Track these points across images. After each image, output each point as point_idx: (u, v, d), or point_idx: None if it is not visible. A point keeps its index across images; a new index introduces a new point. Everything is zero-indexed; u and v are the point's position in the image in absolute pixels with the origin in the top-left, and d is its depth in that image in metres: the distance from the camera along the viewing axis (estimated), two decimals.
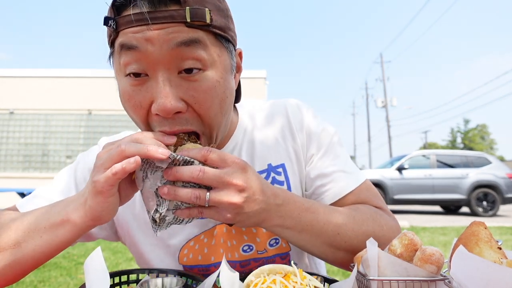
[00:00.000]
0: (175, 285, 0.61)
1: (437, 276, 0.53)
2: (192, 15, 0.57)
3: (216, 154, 0.57)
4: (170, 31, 0.57)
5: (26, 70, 12.54)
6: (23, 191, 5.30)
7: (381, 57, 28.35)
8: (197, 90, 0.61)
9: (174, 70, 0.59)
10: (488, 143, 48.04)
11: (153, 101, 0.60)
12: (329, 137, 0.87)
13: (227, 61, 0.65)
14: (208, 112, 0.63)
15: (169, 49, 0.57)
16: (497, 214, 9.51)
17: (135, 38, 0.57)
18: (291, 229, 0.67)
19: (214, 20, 0.60)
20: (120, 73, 0.63)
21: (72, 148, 12.19)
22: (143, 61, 0.58)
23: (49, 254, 0.62)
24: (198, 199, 0.56)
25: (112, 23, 0.59)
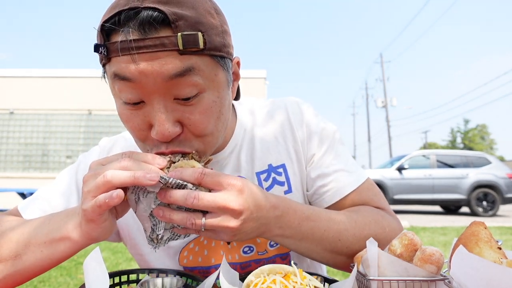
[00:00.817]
0: (175, 285, 0.61)
1: (437, 276, 0.53)
2: (184, 42, 0.54)
3: (210, 177, 0.55)
4: (163, 62, 0.54)
5: (26, 70, 12.53)
6: (23, 191, 5.29)
7: (381, 57, 28.35)
8: (193, 113, 0.60)
9: (170, 97, 0.58)
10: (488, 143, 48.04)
11: (151, 124, 0.60)
12: (330, 136, 0.86)
13: (223, 78, 0.64)
14: (204, 131, 0.63)
15: (163, 81, 0.56)
16: (497, 214, 9.51)
17: (128, 70, 0.55)
18: (291, 238, 0.67)
19: (208, 42, 0.57)
20: (116, 96, 0.62)
21: (72, 148, 12.19)
22: (138, 90, 0.57)
23: (48, 267, 0.64)
24: (193, 225, 0.54)
25: (102, 50, 0.56)
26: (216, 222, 0.55)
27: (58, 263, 0.63)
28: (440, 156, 10.07)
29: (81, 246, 0.61)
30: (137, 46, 0.53)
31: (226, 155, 0.81)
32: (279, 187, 0.82)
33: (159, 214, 0.55)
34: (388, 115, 27.85)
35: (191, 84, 0.57)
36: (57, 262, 0.63)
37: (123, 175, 0.52)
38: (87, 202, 0.54)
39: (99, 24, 0.57)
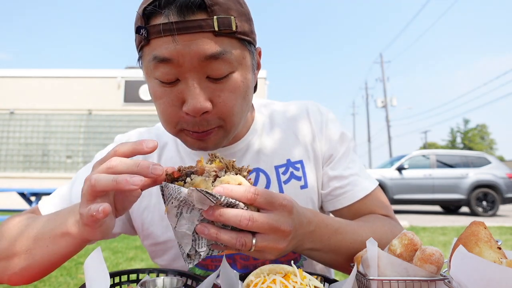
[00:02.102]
0: (175, 285, 0.61)
1: (437, 276, 0.53)
2: (219, 24, 0.61)
3: (263, 198, 0.53)
4: (200, 43, 0.61)
5: (26, 70, 12.53)
6: (23, 191, 5.29)
7: (381, 57, 28.35)
8: (223, 91, 0.66)
9: (203, 75, 0.64)
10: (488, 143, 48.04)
11: (184, 101, 0.65)
12: (347, 142, 0.90)
13: (249, 62, 0.70)
14: (232, 109, 0.68)
15: (199, 61, 0.62)
16: (496, 214, 9.51)
17: (168, 51, 0.61)
18: (320, 251, 0.67)
19: (239, 26, 0.64)
20: (150, 75, 0.67)
21: (72, 148, 12.19)
22: (175, 69, 0.63)
23: (56, 262, 0.64)
24: (244, 246, 0.53)
25: (144, 32, 0.62)
26: (266, 243, 0.54)
27: (65, 258, 0.64)
28: (440, 156, 10.07)
29: (81, 242, 0.61)
30: (177, 28, 0.59)
31: (244, 146, 0.85)
32: (296, 181, 0.85)
33: (204, 232, 0.52)
34: (388, 115, 27.84)
35: (223, 65, 0.63)
36: (64, 257, 0.63)
37: (104, 180, 0.50)
38: (83, 207, 0.53)
39: (141, 8, 0.63)
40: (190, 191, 0.49)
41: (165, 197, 0.54)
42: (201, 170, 0.54)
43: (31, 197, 5.61)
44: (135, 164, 0.51)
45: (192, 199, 0.50)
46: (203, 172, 0.54)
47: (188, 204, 0.52)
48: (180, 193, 0.50)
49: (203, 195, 0.49)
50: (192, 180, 0.53)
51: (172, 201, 0.52)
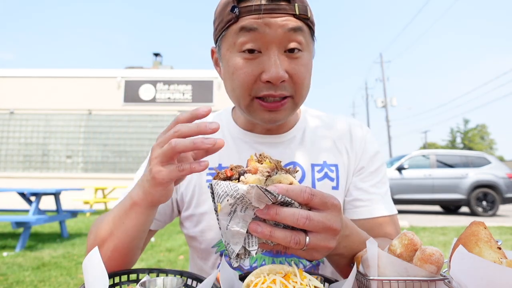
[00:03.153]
0: (175, 285, 0.61)
1: (437, 276, 0.53)
2: (299, 9, 0.74)
3: (318, 198, 0.54)
4: (283, 19, 0.73)
5: (26, 70, 12.54)
6: (23, 191, 5.28)
7: (381, 57, 28.35)
8: (297, 64, 0.77)
9: (282, 49, 0.75)
10: (488, 143, 48.04)
11: (263, 71, 0.75)
12: (380, 162, 0.96)
13: (312, 51, 0.83)
14: (303, 81, 0.78)
15: (282, 32, 0.73)
16: (496, 214, 9.51)
17: (256, 22, 0.72)
18: (346, 258, 0.68)
19: (311, 16, 0.78)
20: (233, 50, 0.77)
21: (72, 148, 12.19)
22: (260, 40, 0.74)
23: (136, 236, 0.71)
24: (297, 244, 0.53)
25: (236, 10, 0.73)
26: (318, 241, 0.54)
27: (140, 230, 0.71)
28: (440, 156, 10.07)
29: (146, 208, 0.67)
30: (265, 8, 0.72)
31: (289, 138, 0.93)
32: (329, 181, 0.90)
33: (257, 230, 0.52)
34: (388, 115, 27.85)
35: (299, 41, 0.75)
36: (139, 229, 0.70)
37: (183, 142, 0.57)
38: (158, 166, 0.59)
39: None
40: (249, 188, 0.48)
41: (216, 195, 0.53)
42: (255, 169, 0.54)
43: (31, 197, 5.60)
44: (195, 125, 0.59)
45: (251, 196, 0.49)
46: (256, 172, 0.54)
47: (244, 202, 0.51)
48: (238, 190, 0.49)
49: (262, 192, 0.48)
50: (246, 179, 0.53)
51: (227, 199, 0.50)
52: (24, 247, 4.83)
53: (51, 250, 4.74)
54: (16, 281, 3.29)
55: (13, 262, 4.03)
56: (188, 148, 0.56)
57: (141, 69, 14.60)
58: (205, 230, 0.90)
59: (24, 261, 4.10)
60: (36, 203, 5.24)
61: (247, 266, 0.86)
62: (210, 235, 0.89)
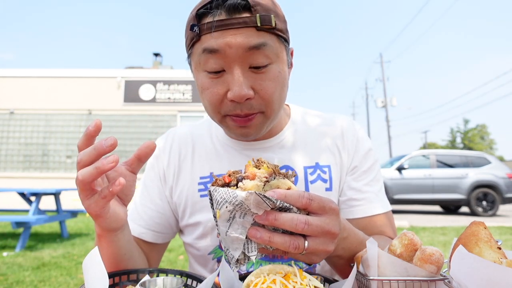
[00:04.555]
0: (175, 285, 0.61)
1: (437, 276, 0.53)
2: (261, 20, 0.70)
3: (317, 203, 0.55)
4: (244, 36, 0.70)
5: (26, 70, 12.53)
6: (23, 191, 5.28)
7: (381, 57, 28.34)
8: (264, 80, 0.74)
9: (246, 65, 0.73)
10: (488, 143, 48.03)
11: (228, 90, 0.73)
12: (373, 159, 0.95)
13: (285, 57, 0.79)
14: (272, 96, 0.76)
15: (244, 51, 0.70)
16: (496, 214, 9.51)
17: (217, 43, 0.70)
18: (345, 259, 0.68)
19: (277, 24, 0.73)
20: (199, 69, 0.76)
21: (72, 148, 12.18)
22: (222, 60, 0.72)
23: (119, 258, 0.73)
24: (297, 248, 0.53)
25: (196, 29, 0.72)
26: (317, 245, 0.55)
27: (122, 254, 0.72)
28: (440, 156, 10.06)
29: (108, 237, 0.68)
30: (225, 24, 0.69)
31: (278, 142, 0.92)
32: (322, 183, 0.90)
33: (256, 236, 0.52)
34: (388, 115, 27.83)
35: (264, 56, 0.72)
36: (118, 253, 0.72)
37: (87, 171, 0.56)
38: (85, 203, 0.60)
39: (194, 11, 0.73)
40: (248, 194, 0.48)
41: (215, 201, 0.53)
42: (252, 175, 0.54)
43: (31, 197, 5.60)
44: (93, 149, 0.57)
45: (249, 203, 0.49)
46: (254, 177, 0.54)
47: (243, 208, 0.51)
48: (236, 197, 0.49)
49: (261, 198, 0.48)
50: (244, 185, 0.53)
51: (226, 205, 0.50)
52: (24, 247, 4.83)
53: (51, 250, 4.74)
54: (16, 281, 3.29)
55: (13, 262, 4.03)
56: (94, 176, 0.56)
57: (141, 69, 14.58)
58: (200, 238, 0.90)
59: (24, 261, 4.10)
60: (36, 203, 5.23)
61: (244, 270, 0.87)
62: (205, 242, 0.90)
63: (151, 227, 0.91)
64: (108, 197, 0.57)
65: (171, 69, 14.14)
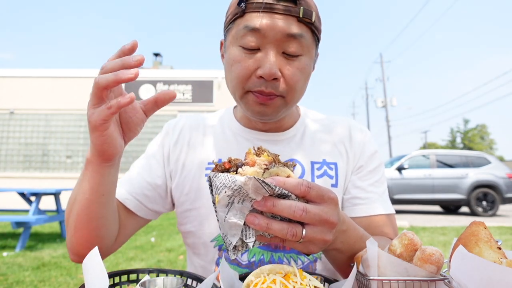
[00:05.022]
0: (175, 285, 0.61)
1: (437, 276, 0.53)
2: (304, 13, 0.75)
3: (315, 191, 0.55)
4: (286, 22, 0.74)
5: (26, 70, 12.53)
6: (23, 191, 5.28)
7: (381, 57, 28.34)
8: (292, 67, 0.78)
9: (280, 50, 0.77)
10: (488, 143, 48.03)
11: (258, 67, 0.77)
12: (379, 161, 0.98)
13: (313, 55, 0.84)
14: (296, 84, 0.79)
15: (282, 36, 0.75)
16: (496, 214, 9.51)
17: (260, 22, 0.75)
18: (344, 254, 0.68)
19: (315, 22, 0.78)
20: (235, 43, 0.79)
21: (72, 148, 12.18)
22: (260, 39, 0.76)
23: (95, 199, 0.70)
24: (294, 236, 0.53)
25: (243, 5, 0.76)
26: (315, 234, 0.55)
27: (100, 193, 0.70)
28: (440, 156, 10.06)
29: (97, 165, 0.66)
30: (271, 7, 0.74)
31: (289, 137, 0.95)
32: (328, 179, 0.91)
33: (253, 222, 0.52)
34: (388, 115, 27.83)
35: (298, 45, 0.77)
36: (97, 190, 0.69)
37: (106, 76, 0.55)
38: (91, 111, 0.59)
39: None
40: (247, 179, 0.48)
41: (214, 186, 0.53)
42: (252, 162, 0.54)
43: (31, 197, 5.60)
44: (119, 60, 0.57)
45: (248, 188, 0.49)
46: (254, 164, 0.54)
47: (241, 194, 0.51)
48: (235, 182, 0.49)
49: (259, 184, 0.48)
50: (244, 171, 0.53)
51: (225, 190, 0.50)
52: (24, 247, 4.83)
53: (51, 250, 4.74)
54: (16, 281, 3.29)
55: (13, 262, 4.03)
56: (111, 82, 0.55)
57: (141, 69, 14.58)
58: (203, 223, 0.90)
59: (24, 261, 4.10)
60: (36, 203, 5.23)
61: (245, 260, 0.86)
62: (208, 229, 0.89)
63: (138, 196, 0.89)
64: (113, 109, 0.56)
65: (171, 69, 14.15)
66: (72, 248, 0.77)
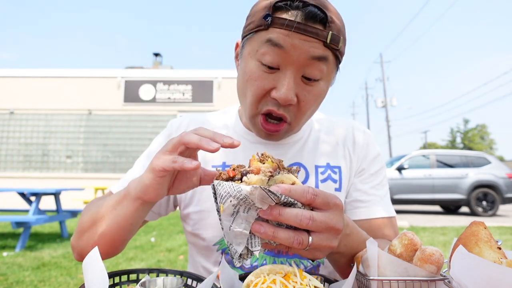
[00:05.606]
0: (175, 285, 0.61)
1: (437, 276, 0.53)
2: (332, 38, 0.71)
3: (321, 198, 0.54)
4: (312, 45, 0.71)
5: (26, 70, 12.53)
6: (23, 191, 5.27)
7: (381, 57, 28.33)
8: (310, 93, 0.76)
9: (300, 73, 0.74)
10: (488, 143, 48.02)
11: (274, 88, 0.74)
12: (381, 164, 0.98)
13: (332, 80, 0.81)
14: (307, 111, 0.79)
15: (305, 58, 0.71)
16: (496, 214, 9.51)
17: (284, 40, 0.70)
18: (345, 257, 0.68)
19: (341, 47, 0.75)
20: (254, 56, 0.76)
21: (72, 148, 12.18)
22: (281, 58, 0.72)
23: (125, 227, 0.72)
24: (300, 244, 0.53)
25: (269, 19, 0.71)
26: (321, 241, 0.54)
27: (128, 221, 0.71)
28: (440, 156, 10.06)
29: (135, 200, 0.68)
30: (298, 27, 0.69)
31: (293, 141, 0.94)
32: (332, 183, 0.91)
33: (259, 230, 0.51)
34: (388, 115, 27.83)
35: (320, 70, 0.74)
36: (127, 219, 0.71)
37: (192, 136, 0.59)
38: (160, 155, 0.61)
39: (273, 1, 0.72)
40: (252, 189, 0.48)
41: (218, 195, 0.52)
42: (257, 169, 0.53)
43: (31, 197, 5.60)
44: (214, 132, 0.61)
45: (254, 198, 0.49)
46: (259, 172, 0.53)
47: (247, 203, 0.50)
48: (241, 192, 0.48)
49: (265, 193, 0.48)
50: (248, 179, 0.52)
51: (230, 200, 0.50)
52: (24, 247, 4.83)
53: (51, 250, 4.74)
54: (16, 281, 3.29)
55: (13, 262, 4.03)
56: (193, 142, 0.58)
57: (141, 69, 14.58)
58: (206, 227, 0.89)
59: (24, 261, 4.10)
60: (36, 203, 5.23)
61: (248, 265, 0.86)
62: (211, 232, 0.89)
63: None
64: (177, 166, 0.58)
65: (171, 69, 14.14)
66: (82, 253, 0.77)
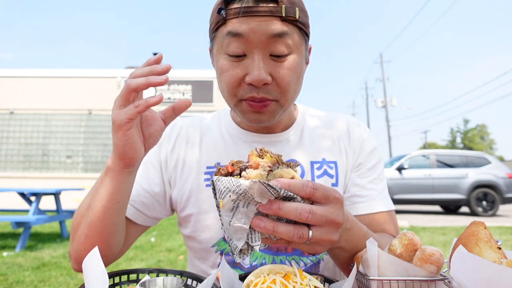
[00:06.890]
0: (175, 285, 0.61)
1: (437, 276, 0.53)
2: (286, 11, 0.73)
3: (321, 192, 0.54)
4: (269, 24, 0.72)
5: (26, 70, 12.53)
6: (23, 191, 5.28)
7: (381, 57, 28.34)
8: (282, 68, 0.76)
9: (267, 53, 0.75)
10: (488, 143, 48.04)
11: (247, 74, 0.75)
12: (378, 159, 0.97)
13: (303, 51, 0.82)
14: (288, 85, 0.78)
15: (266, 38, 0.73)
16: (496, 214, 9.51)
17: (241, 27, 0.73)
18: (346, 252, 0.68)
19: (300, 17, 0.76)
20: (221, 52, 0.78)
21: (72, 148, 12.18)
22: (245, 45, 0.74)
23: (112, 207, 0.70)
24: (301, 238, 0.52)
25: (223, 13, 0.74)
26: (321, 235, 0.54)
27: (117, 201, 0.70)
28: (440, 156, 10.06)
29: (117, 172, 0.68)
30: (251, 11, 0.72)
31: (287, 137, 0.94)
32: (329, 178, 0.91)
33: (259, 225, 0.51)
34: (388, 115, 27.83)
35: (285, 45, 0.75)
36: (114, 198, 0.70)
37: (137, 80, 0.60)
38: (117, 111, 0.61)
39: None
40: (251, 183, 0.47)
41: (218, 191, 0.52)
42: (256, 164, 0.53)
43: (31, 197, 5.60)
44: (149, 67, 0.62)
45: (253, 192, 0.48)
46: (257, 167, 0.53)
47: (246, 198, 0.50)
48: (240, 186, 0.48)
49: (265, 187, 0.48)
50: (247, 174, 0.52)
51: (229, 195, 0.50)
52: (24, 247, 4.83)
53: (51, 250, 4.74)
54: (16, 281, 3.29)
55: (13, 262, 4.03)
56: (141, 84, 0.59)
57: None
58: (204, 229, 0.89)
59: (24, 261, 4.10)
60: (36, 203, 5.23)
61: (247, 264, 0.86)
62: (209, 234, 0.89)
63: (136, 204, 0.88)
64: (141, 107, 0.59)
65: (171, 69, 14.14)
66: (78, 257, 0.75)
